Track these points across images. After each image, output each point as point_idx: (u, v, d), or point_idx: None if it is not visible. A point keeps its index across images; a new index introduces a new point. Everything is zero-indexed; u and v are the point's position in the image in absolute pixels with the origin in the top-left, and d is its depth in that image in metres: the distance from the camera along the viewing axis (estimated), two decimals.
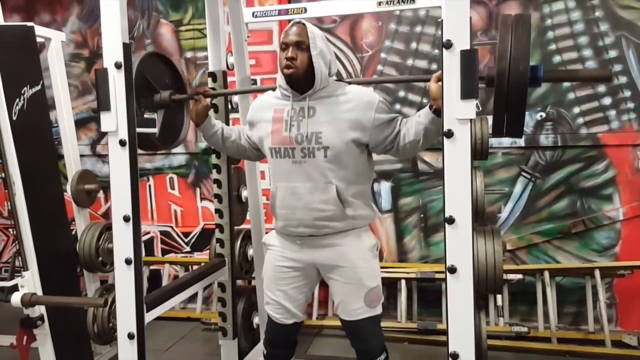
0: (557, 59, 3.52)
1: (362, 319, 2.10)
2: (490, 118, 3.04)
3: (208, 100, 2.37)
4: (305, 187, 2.07)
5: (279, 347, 2.32)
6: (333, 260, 2.11)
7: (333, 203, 2.05)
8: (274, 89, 2.23)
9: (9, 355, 3.11)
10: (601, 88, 3.47)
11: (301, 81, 2.04)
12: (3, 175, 2.93)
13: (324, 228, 2.09)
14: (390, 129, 2.07)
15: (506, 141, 3.61)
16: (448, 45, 1.65)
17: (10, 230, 4.74)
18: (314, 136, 2.03)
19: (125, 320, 2.00)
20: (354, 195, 2.11)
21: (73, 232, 3.40)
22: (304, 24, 2.03)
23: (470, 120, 1.68)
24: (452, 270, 1.70)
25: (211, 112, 2.40)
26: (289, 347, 2.35)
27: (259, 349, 3.06)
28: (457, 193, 1.70)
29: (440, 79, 1.78)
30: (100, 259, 3.25)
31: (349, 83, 2.15)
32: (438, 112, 1.87)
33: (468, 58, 1.64)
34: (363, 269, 2.11)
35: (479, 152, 2.68)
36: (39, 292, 2.90)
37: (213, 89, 2.66)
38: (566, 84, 3.51)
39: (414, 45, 3.75)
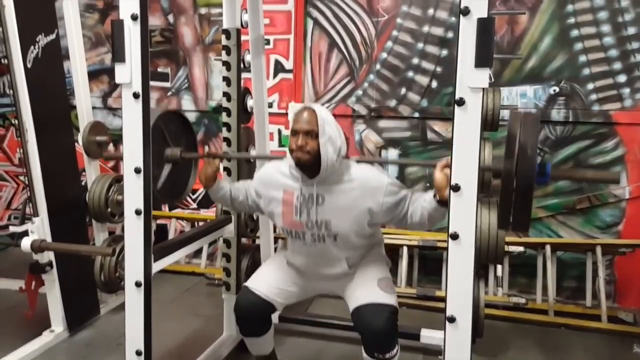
0: (574, 32, 3.46)
1: (376, 302, 2.11)
2: (502, 89, 3.04)
3: (217, 162, 2.43)
4: (316, 259, 2.24)
5: (254, 323, 2.33)
6: (341, 280, 2.29)
7: (343, 267, 2.23)
8: (281, 158, 2.28)
9: (18, 299, 3.19)
10: (617, 65, 3.42)
11: (310, 165, 2.07)
12: (16, 122, 2.96)
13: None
14: (399, 210, 2.13)
15: None
16: (465, 12, 1.63)
17: (21, 178, 4.80)
18: (323, 224, 2.12)
19: (133, 268, 2.05)
20: (364, 253, 2.28)
21: (83, 183, 3.44)
22: (314, 110, 2.05)
23: (483, 89, 1.67)
24: (455, 236, 1.72)
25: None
26: (265, 323, 2.36)
27: None
28: (465, 161, 1.70)
29: (446, 166, 1.83)
30: (109, 209, 3.30)
31: (358, 162, 2.21)
32: (442, 202, 1.92)
33: (485, 26, 1.62)
34: (371, 264, 2.28)
35: (490, 123, 2.68)
36: (49, 239, 2.97)
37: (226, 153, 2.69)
38: (582, 59, 3.47)
39: (431, 11, 3.70)
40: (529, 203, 1.70)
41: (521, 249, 3.56)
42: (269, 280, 2.31)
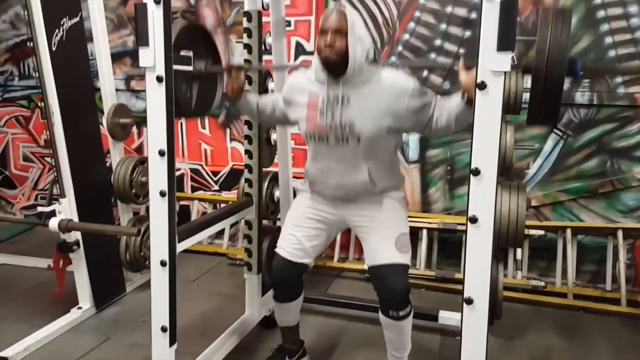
0: (601, 13, 3.38)
1: (393, 263, 2.18)
2: None
3: (242, 76, 2.42)
4: (338, 168, 2.20)
5: (286, 286, 2.41)
6: (363, 210, 2.26)
7: (364, 182, 2.19)
8: (307, 66, 2.26)
9: (46, 277, 3.30)
10: None
11: (337, 65, 2.07)
12: (42, 104, 3.02)
13: (355, 198, 2.25)
14: (424, 114, 2.12)
15: None
16: None
17: (47, 159, 4.90)
18: (347, 125, 2.10)
19: (158, 248, 2.10)
20: (385, 170, 2.24)
21: (108, 164, 3.51)
22: (343, 11, 2.05)
23: (505, 73, 1.67)
24: (473, 220, 1.73)
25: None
26: (297, 287, 2.44)
27: None
28: (485, 146, 1.71)
29: (468, 68, 1.85)
30: (133, 191, 3.36)
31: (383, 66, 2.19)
32: (470, 102, 1.90)
33: (508, 9, 1.61)
34: (393, 214, 2.24)
35: (512, 107, 2.65)
36: (75, 219, 3.05)
37: (248, 61, 2.69)
38: (608, 41, 3.40)
39: None
40: (557, 101, 1.71)
41: (542, 232, 3.54)
42: (297, 241, 2.32)
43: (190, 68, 2.29)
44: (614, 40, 3.40)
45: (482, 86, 1.67)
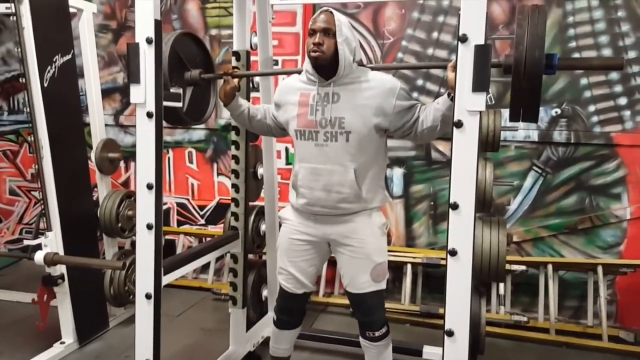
0: (576, 56, 3.54)
1: (368, 292, 2.25)
2: (504, 111, 3.12)
3: (236, 81, 2.47)
4: (325, 169, 2.19)
5: (288, 314, 2.50)
6: (344, 236, 2.25)
7: (350, 186, 2.18)
8: (299, 72, 2.31)
9: (30, 311, 3.27)
10: (617, 88, 3.50)
11: (327, 66, 2.13)
12: (31, 139, 3.06)
13: (339, 209, 2.22)
14: (409, 115, 2.18)
15: (520, 135, 3.66)
16: (463, 39, 1.72)
17: (33, 193, 4.90)
18: (337, 121, 2.15)
19: (144, 280, 2.12)
20: (370, 179, 2.24)
21: (95, 198, 3.53)
22: (331, 12, 2.12)
23: (480, 112, 1.75)
24: (453, 253, 1.79)
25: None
26: (298, 315, 2.52)
27: (267, 319, 3.20)
28: (463, 181, 1.78)
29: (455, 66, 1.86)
30: (119, 224, 3.38)
31: (372, 69, 2.24)
32: None
33: (482, 53, 1.71)
34: (372, 245, 2.25)
35: (491, 144, 2.74)
36: (61, 252, 3.05)
37: (236, 68, 2.75)
38: (583, 82, 3.55)
39: (435, 34, 3.79)
40: (537, 92, 1.73)
41: (523, 267, 3.59)
42: (291, 276, 2.37)
43: (179, 104, 2.35)
44: (589, 82, 3.54)
45: (458, 125, 1.76)
